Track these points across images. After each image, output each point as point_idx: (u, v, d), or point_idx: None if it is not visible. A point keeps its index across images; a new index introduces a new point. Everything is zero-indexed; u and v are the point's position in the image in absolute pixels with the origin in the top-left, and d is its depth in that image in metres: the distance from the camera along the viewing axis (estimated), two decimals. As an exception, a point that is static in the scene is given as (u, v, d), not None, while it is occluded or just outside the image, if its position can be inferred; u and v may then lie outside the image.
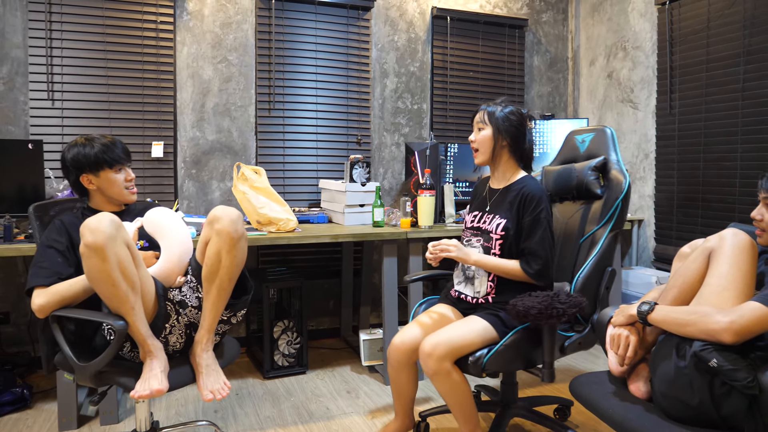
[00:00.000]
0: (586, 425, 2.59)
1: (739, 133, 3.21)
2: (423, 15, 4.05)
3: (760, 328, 1.44)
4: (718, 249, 1.63)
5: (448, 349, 2.01)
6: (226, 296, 1.93)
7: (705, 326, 1.48)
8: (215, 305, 1.92)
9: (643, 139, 3.91)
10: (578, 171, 2.43)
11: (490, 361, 2.03)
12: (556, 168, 2.56)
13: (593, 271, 2.23)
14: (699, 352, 1.46)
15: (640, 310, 1.68)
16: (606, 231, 2.27)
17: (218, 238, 1.87)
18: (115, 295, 1.73)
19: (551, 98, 4.52)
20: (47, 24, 3.19)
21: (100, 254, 1.68)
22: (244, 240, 1.93)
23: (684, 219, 3.59)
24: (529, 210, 2.16)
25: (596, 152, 2.45)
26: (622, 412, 1.62)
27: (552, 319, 1.92)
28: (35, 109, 3.20)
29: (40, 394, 2.92)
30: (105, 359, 1.78)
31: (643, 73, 3.91)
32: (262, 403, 2.85)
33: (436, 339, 2.03)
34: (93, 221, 1.71)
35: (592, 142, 2.49)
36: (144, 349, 1.83)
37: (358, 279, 3.89)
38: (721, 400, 1.45)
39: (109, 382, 1.87)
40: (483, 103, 2.30)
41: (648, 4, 3.84)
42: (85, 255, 1.70)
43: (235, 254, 1.88)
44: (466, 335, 2.05)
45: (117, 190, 2.10)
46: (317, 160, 3.83)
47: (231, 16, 3.59)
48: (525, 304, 1.95)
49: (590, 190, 2.36)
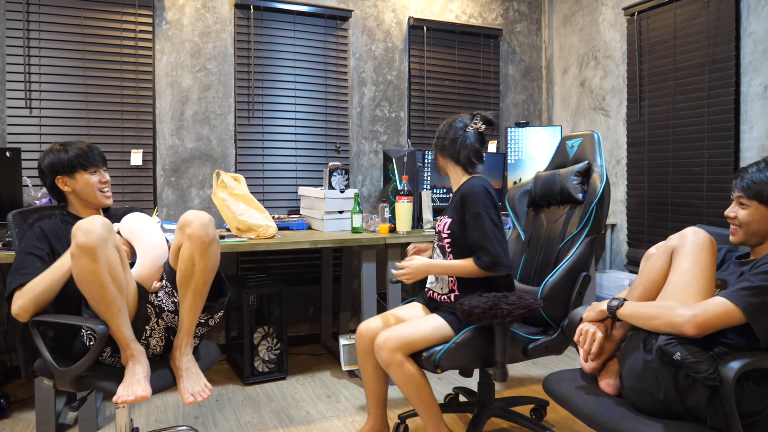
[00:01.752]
0: (562, 424, 2.65)
1: (706, 139, 3.33)
2: (400, 25, 4.13)
3: (721, 322, 1.51)
4: (680, 247, 1.71)
5: (399, 341, 2.09)
6: (202, 300, 1.96)
7: (669, 319, 1.55)
8: (192, 309, 1.94)
9: (615, 146, 4.01)
10: (561, 176, 2.49)
11: (443, 358, 2.09)
12: (544, 174, 2.63)
13: (565, 275, 2.28)
14: (664, 346, 1.53)
15: (610, 305, 1.76)
16: (582, 236, 2.32)
17: (190, 242, 1.89)
18: (103, 297, 1.75)
19: (526, 106, 4.62)
20: (25, 32, 3.19)
21: (92, 255, 1.70)
22: (216, 243, 1.95)
23: (655, 222, 3.69)
24: (467, 206, 2.23)
25: (583, 157, 2.51)
26: (592, 407, 1.68)
27: (496, 318, 1.98)
28: (13, 117, 3.19)
29: (17, 403, 2.90)
30: (86, 363, 1.79)
31: (614, 82, 4.02)
32: (242, 408, 2.86)
33: (389, 332, 2.12)
34: (86, 223, 1.73)
35: (580, 147, 2.55)
36: (126, 352, 1.84)
37: (338, 285, 3.92)
38: (685, 392, 1.52)
39: (89, 387, 1.88)
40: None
41: (618, 15, 3.96)
42: (76, 256, 1.71)
43: (208, 258, 1.91)
44: (419, 331, 2.13)
45: (90, 191, 2.12)
46: (296, 167, 3.86)
47: (210, 25, 3.62)
48: (471, 303, 2.03)
49: (572, 195, 2.42)
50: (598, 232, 2.33)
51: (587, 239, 2.32)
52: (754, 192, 1.68)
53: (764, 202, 1.68)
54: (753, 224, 1.70)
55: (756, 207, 1.69)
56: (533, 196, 2.67)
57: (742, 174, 1.73)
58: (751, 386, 1.51)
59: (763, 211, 1.68)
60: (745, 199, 1.71)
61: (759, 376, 1.53)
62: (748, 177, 1.71)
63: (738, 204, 1.74)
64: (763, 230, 1.70)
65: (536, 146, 3.91)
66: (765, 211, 1.68)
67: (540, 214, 2.62)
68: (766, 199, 1.67)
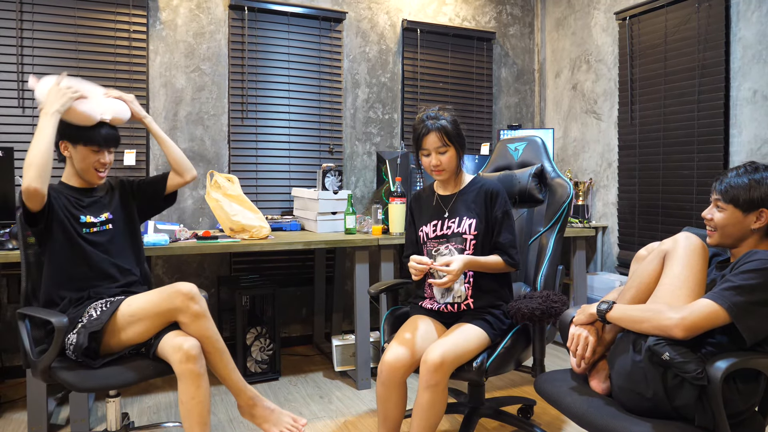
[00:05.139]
0: (551, 425, 2.67)
1: (696, 143, 3.37)
2: (394, 27, 4.14)
3: (708, 323, 1.53)
4: (673, 251, 1.73)
5: (455, 359, 1.98)
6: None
7: (658, 322, 1.57)
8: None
9: (606, 149, 4.05)
10: (519, 177, 2.59)
11: (493, 365, 2.09)
12: (494, 174, 2.71)
13: (549, 271, 2.40)
14: (653, 346, 1.55)
15: (599, 308, 1.77)
16: (554, 234, 2.44)
17: (183, 378, 1.95)
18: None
19: (518, 109, 4.65)
20: (18, 32, 3.18)
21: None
22: (206, 374, 2.01)
23: (645, 225, 3.72)
24: (497, 204, 2.24)
25: (530, 160, 2.63)
26: (583, 406, 1.70)
27: (551, 317, 2.06)
28: (5, 116, 3.18)
29: (8, 403, 2.89)
30: (50, 355, 1.89)
31: (606, 85, 4.06)
32: (234, 408, 2.86)
33: (442, 349, 1.96)
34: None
35: (525, 151, 2.67)
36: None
37: (331, 286, 3.93)
38: (673, 392, 1.54)
39: (55, 380, 1.94)
40: (423, 115, 2.25)
41: (609, 20, 4.00)
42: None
43: (204, 389, 1.98)
44: (467, 343, 2.05)
45: (85, 166, 2.17)
46: (290, 168, 3.87)
47: (204, 26, 3.63)
48: (528, 306, 2.06)
49: (533, 195, 2.55)
50: (564, 230, 2.48)
51: (558, 236, 2.45)
52: (731, 196, 1.71)
53: (740, 207, 1.70)
54: (728, 227, 1.73)
55: (732, 211, 1.71)
56: None
57: (722, 177, 1.76)
58: (738, 386, 1.54)
59: (738, 215, 1.70)
60: (722, 202, 1.73)
61: (746, 375, 1.55)
62: (726, 181, 1.74)
63: (715, 206, 1.77)
64: (737, 233, 1.72)
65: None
66: (740, 215, 1.70)
67: None
68: (741, 204, 1.69)
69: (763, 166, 1.72)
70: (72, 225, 2.10)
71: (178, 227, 2.89)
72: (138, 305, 1.99)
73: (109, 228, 2.20)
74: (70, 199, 2.15)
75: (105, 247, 2.17)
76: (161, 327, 2.01)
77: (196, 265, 3.63)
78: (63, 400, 2.90)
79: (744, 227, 1.70)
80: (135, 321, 1.97)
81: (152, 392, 3.08)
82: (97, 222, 2.17)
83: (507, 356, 2.14)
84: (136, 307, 1.99)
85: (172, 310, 1.98)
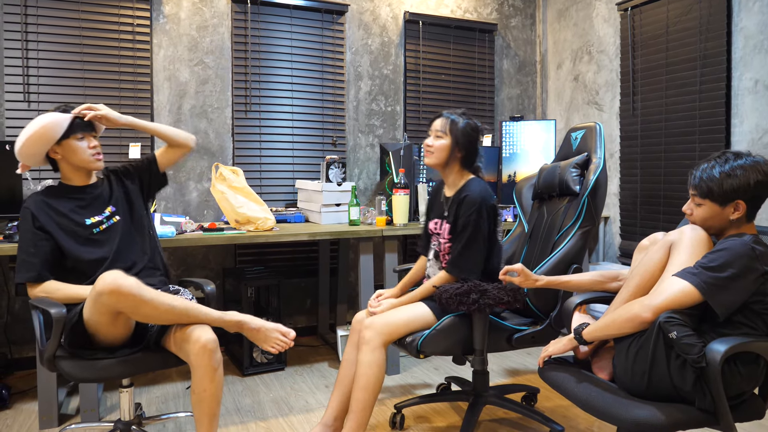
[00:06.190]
0: (555, 412, 2.71)
1: (697, 132, 3.38)
2: (396, 19, 4.16)
3: (677, 302, 1.60)
4: (679, 242, 1.75)
5: (385, 324, 2.19)
6: (216, 420, 2.02)
7: (627, 314, 1.67)
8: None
9: (608, 140, 4.07)
10: (561, 168, 2.51)
11: (425, 343, 2.18)
12: (547, 166, 2.66)
13: (555, 267, 2.30)
14: (663, 323, 1.58)
15: (576, 334, 1.86)
16: (575, 228, 2.35)
17: (198, 368, 1.94)
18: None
19: (520, 100, 4.67)
20: (23, 26, 3.20)
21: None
22: (221, 368, 1.99)
23: (647, 215, 3.75)
24: (461, 213, 2.28)
25: (584, 148, 2.52)
26: (586, 391, 1.73)
27: (463, 306, 2.09)
28: (11, 111, 3.21)
29: (18, 394, 2.93)
30: (52, 344, 1.90)
31: (608, 76, 4.07)
32: (242, 398, 2.90)
33: (376, 317, 2.23)
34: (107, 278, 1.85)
35: (582, 139, 2.55)
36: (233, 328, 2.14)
37: (335, 278, 3.96)
38: (676, 375, 1.57)
39: (57, 370, 1.96)
40: (445, 110, 2.40)
41: (611, 10, 4.01)
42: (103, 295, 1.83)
43: (217, 382, 1.98)
44: (403, 317, 2.22)
45: (81, 156, 2.14)
46: (293, 160, 3.90)
47: (207, 19, 3.64)
48: (445, 289, 2.13)
49: (569, 187, 2.44)
50: (592, 224, 2.35)
51: (580, 231, 2.34)
52: (705, 190, 1.70)
53: (716, 201, 1.69)
54: (708, 221, 1.73)
55: (709, 205, 1.71)
56: (536, 188, 2.70)
57: (695, 171, 1.75)
58: (739, 369, 1.57)
59: (716, 208, 1.70)
60: (698, 198, 1.73)
61: (747, 358, 1.58)
62: (698, 174, 1.73)
63: (693, 201, 1.77)
64: (718, 225, 1.73)
65: (530, 140, 3.96)
66: (718, 208, 1.70)
67: (543, 206, 2.65)
68: (716, 197, 1.68)
69: (732, 155, 1.70)
70: (76, 231, 2.10)
71: (184, 219, 2.91)
72: (87, 315, 1.92)
73: (116, 220, 2.21)
74: (68, 206, 2.13)
75: (113, 245, 2.15)
76: (127, 321, 1.96)
77: (201, 257, 3.66)
78: (73, 390, 2.94)
79: (723, 219, 1.71)
80: (97, 325, 1.93)
81: (161, 382, 3.12)
82: (103, 219, 2.17)
83: (441, 338, 2.19)
84: (88, 314, 1.92)
85: (113, 312, 1.88)
